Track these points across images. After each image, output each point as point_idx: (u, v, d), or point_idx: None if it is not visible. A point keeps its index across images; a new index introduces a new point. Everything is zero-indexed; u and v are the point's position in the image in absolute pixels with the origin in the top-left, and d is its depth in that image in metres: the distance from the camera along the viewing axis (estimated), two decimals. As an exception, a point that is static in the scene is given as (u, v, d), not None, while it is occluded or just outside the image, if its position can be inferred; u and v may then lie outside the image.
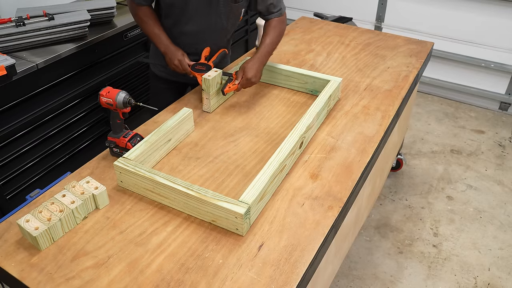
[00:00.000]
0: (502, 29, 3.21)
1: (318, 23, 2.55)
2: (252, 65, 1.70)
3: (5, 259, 1.11)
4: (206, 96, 1.67)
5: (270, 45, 1.78)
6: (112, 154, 1.47)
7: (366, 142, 1.54)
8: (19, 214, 1.24)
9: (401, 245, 2.32)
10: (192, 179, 1.37)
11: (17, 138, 2.04)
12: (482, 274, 2.17)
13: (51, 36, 2.15)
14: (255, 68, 1.70)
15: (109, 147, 1.47)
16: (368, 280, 2.14)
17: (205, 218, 1.21)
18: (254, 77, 1.69)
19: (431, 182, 2.76)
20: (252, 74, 1.69)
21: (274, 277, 1.06)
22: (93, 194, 1.22)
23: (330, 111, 1.71)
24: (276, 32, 1.81)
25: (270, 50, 1.78)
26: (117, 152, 1.45)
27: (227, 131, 1.60)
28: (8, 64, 1.83)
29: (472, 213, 2.53)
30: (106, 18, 2.42)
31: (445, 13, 3.37)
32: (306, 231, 1.19)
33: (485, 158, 2.96)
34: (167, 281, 1.05)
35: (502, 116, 3.43)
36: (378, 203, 2.59)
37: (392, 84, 1.91)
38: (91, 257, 1.11)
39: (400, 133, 2.41)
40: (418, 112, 3.46)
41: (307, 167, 1.42)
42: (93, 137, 2.46)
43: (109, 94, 1.40)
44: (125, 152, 1.40)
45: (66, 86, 2.22)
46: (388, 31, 3.63)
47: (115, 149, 1.45)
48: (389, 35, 2.40)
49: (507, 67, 3.29)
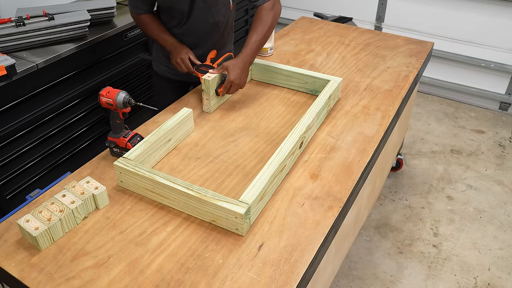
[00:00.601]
0: (502, 29, 3.21)
1: (318, 23, 2.55)
2: (234, 65, 1.61)
3: (5, 259, 1.11)
4: (206, 97, 1.67)
5: (256, 43, 1.66)
6: (112, 154, 1.47)
7: (366, 142, 1.54)
8: (19, 214, 1.24)
9: (401, 245, 2.32)
10: (192, 179, 1.37)
11: (17, 138, 2.04)
12: (482, 274, 2.17)
13: (51, 36, 2.15)
14: (238, 68, 1.61)
15: (109, 147, 1.47)
16: (368, 280, 2.14)
17: (205, 218, 1.21)
18: (238, 79, 1.60)
19: (431, 182, 2.76)
20: (235, 76, 1.59)
21: (274, 277, 1.06)
22: (93, 194, 1.22)
23: (330, 111, 1.71)
24: (265, 25, 1.67)
25: (256, 48, 1.67)
26: (117, 152, 1.45)
27: (227, 131, 1.60)
28: (8, 64, 1.84)
29: (472, 213, 2.53)
30: (106, 18, 2.42)
31: (445, 13, 3.37)
32: (306, 231, 1.19)
33: (485, 158, 2.96)
34: (167, 281, 1.05)
35: (502, 116, 3.43)
36: (378, 203, 2.59)
37: (392, 84, 1.91)
38: (91, 257, 1.11)
39: (400, 133, 2.41)
40: (418, 112, 3.46)
41: (307, 167, 1.42)
42: (93, 137, 2.46)
43: (109, 94, 1.40)
44: (125, 152, 1.40)
45: (66, 86, 2.22)
46: (388, 31, 3.63)
47: (115, 149, 1.45)
48: (389, 35, 2.40)
49: (507, 67, 3.29)
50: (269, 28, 1.70)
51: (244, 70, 1.64)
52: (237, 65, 1.62)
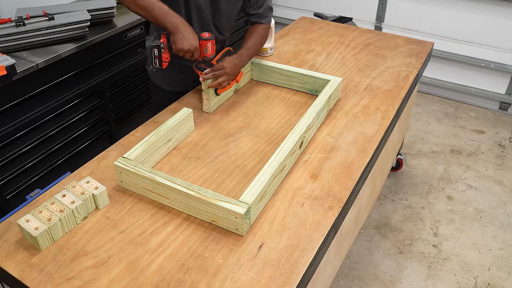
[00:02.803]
0: (502, 29, 3.21)
1: (318, 23, 2.55)
2: (231, 60, 1.67)
3: (5, 259, 1.11)
4: (206, 97, 1.66)
5: (253, 49, 1.76)
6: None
7: (366, 142, 1.54)
8: (19, 214, 1.24)
9: (401, 245, 2.32)
10: (192, 179, 1.37)
11: (17, 138, 2.04)
12: (482, 274, 2.17)
13: (51, 36, 2.15)
14: (233, 63, 1.66)
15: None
16: (368, 280, 2.14)
17: (205, 218, 1.21)
18: (229, 69, 1.64)
19: (431, 182, 2.76)
20: (228, 65, 1.64)
21: (274, 277, 1.06)
22: (93, 194, 1.22)
23: (330, 111, 1.71)
24: (261, 36, 1.80)
25: (251, 54, 1.76)
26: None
27: (227, 131, 1.60)
28: (8, 64, 1.83)
29: (472, 213, 2.53)
30: (106, 18, 2.42)
31: (445, 13, 3.37)
32: (306, 231, 1.19)
33: (485, 158, 2.96)
34: (167, 281, 1.05)
35: (502, 116, 3.43)
36: (378, 203, 2.59)
37: (392, 84, 1.91)
38: (91, 257, 1.11)
39: (400, 133, 2.41)
40: (418, 112, 3.46)
41: (307, 167, 1.42)
42: (93, 137, 2.46)
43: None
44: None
45: (66, 86, 2.22)
46: (388, 31, 3.63)
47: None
48: (389, 35, 2.40)
49: (507, 67, 3.29)
50: (261, 41, 1.82)
51: (238, 64, 1.69)
52: (233, 60, 1.68)
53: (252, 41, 1.77)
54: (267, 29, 1.85)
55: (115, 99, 2.54)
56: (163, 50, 1.49)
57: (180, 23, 1.47)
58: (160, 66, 1.51)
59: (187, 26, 1.49)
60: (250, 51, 1.76)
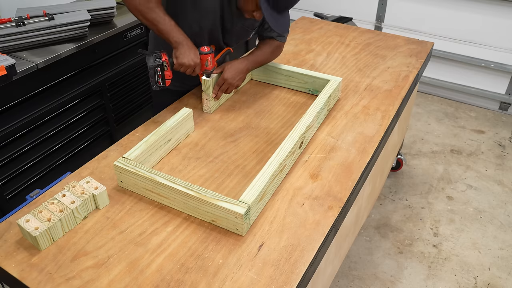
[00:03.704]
0: (502, 29, 3.21)
1: (318, 23, 2.55)
2: (232, 65, 1.63)
3: (5, 259, 1.11)
4: (206, 97, 1.66)
5: (261, 56, 1.74)
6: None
7: (366, 142, 1.54)
8: (19, 214, 1.24)
9: (401, 245, 2.32)
10: (192, 179, 1.37)
11: (17, 138, 2.04)
12: (482, 274, 2.17)
13: (51, 36, 2.15)
14: (234, 69, 1.62)
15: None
16: (368, 280, 2.14)
17: (205, 218, 1.21)
18: (232, 78, 1.61)
19: (431, 182, 2.76)
20: (229, 75, 1.60)
21: (274, 277, 1.06)
22: (93, 194, 1.22)
23: (330, 111, 1.71)
24: (272, 50, 1.77)
25: (259, 61, 1.73)
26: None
27: (227, 131, 1.60)
28: (8, 64, 1.83)
29: (472, 213, 2.53)
30: (106, 18, 2.42)
31: (445, 13, 3.37)
32: (306, 231, 1.19)
33: (485, 158, 2.96)
34: (167, 281, 1.05)
35: (502, 116, 3.43)
36: (378, 203, 2.59)
37: (392, 84, 1.91)
38: (91, 257, 1.11)
39: (400, 133, 2.41)
40: (418, 112, 3.46)
41: (307, 167, 1.42)
42: (93, 137, 2.46)
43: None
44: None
45: (66, 86, 2.22)
46: (388, 31, 3.63)
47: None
48: (389, 35, 2.40)
49: (507, 67, 3.29)
50: (272, 54, 1.79)
51: (241, 71, 1.66)
52: (235, 65, 1.64)
53: (260, 51, 1.74)
54: (280, 48, 1.81)
55: (115, 99, 2.54)
56: (165, 68, 1.51)
57: (183, 39, 1.49)
58: (163, 85, 1.54)
59: (189, 42, 1.51)
60: (259, 58, 1.73)
